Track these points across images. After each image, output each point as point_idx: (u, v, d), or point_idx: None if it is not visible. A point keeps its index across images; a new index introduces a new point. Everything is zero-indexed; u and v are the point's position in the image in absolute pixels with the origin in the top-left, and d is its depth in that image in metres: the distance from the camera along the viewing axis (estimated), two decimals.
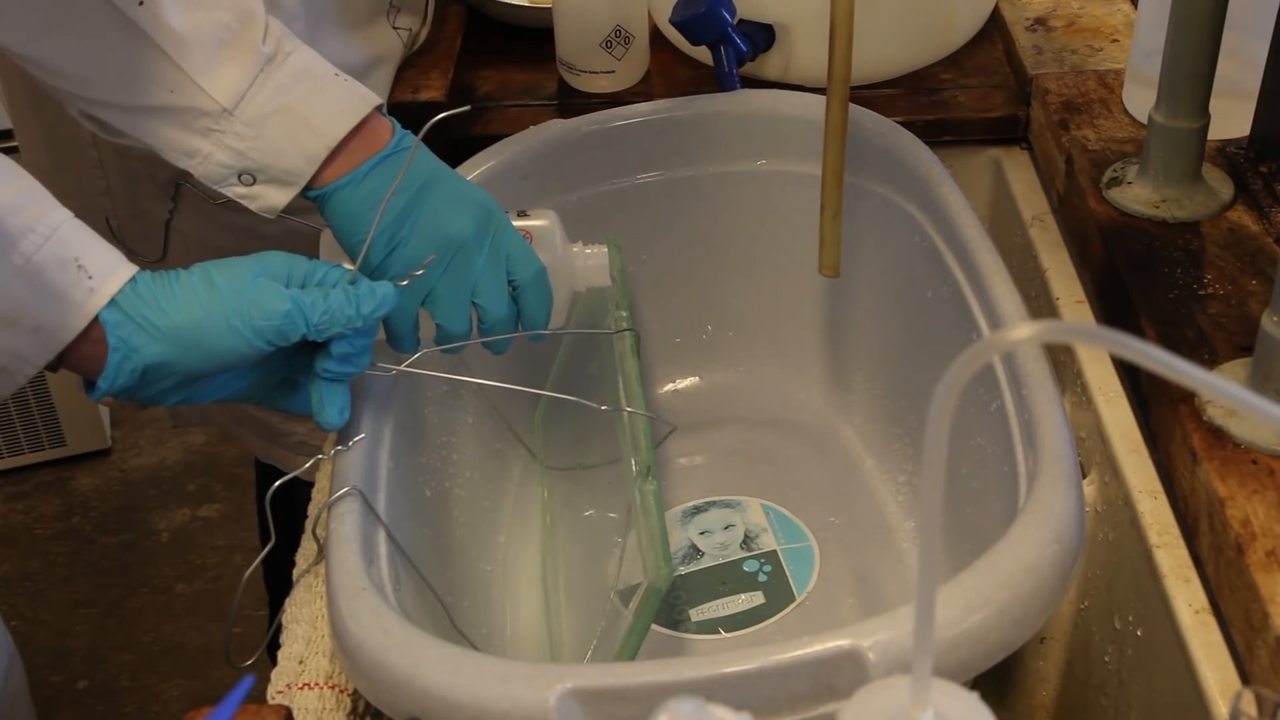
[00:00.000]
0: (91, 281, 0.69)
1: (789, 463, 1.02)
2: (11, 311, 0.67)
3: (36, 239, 0.68)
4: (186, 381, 0.72)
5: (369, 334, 0.76)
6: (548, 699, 0.60)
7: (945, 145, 1.03)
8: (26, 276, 0.67)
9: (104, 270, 0.70)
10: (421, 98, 1.07)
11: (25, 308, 0.67)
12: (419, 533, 0.82)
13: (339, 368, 0.75)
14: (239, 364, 0.73)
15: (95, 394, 0.72)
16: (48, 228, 0.69)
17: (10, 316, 0.67)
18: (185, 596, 1.96)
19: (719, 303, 1.07)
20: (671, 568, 0.76)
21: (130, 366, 0.70)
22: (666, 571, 0.75)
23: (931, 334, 0.92)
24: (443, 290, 0.79)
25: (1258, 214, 0.88)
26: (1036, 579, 0.63)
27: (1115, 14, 1.13)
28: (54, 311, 0.68)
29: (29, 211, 0.68)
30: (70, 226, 0.70)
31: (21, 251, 0.67)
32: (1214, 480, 0.70)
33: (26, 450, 2.12)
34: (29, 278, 0.67)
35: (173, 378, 0.72)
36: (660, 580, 0.74)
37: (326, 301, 0.73)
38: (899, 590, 0.91)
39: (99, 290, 0.69)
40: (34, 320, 0.68)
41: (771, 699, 0.61)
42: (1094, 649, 0.82)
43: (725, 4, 1.01)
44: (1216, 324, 0.80)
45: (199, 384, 0.74)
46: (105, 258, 0.71)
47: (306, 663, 0.74)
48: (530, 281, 0.82)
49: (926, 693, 0.42)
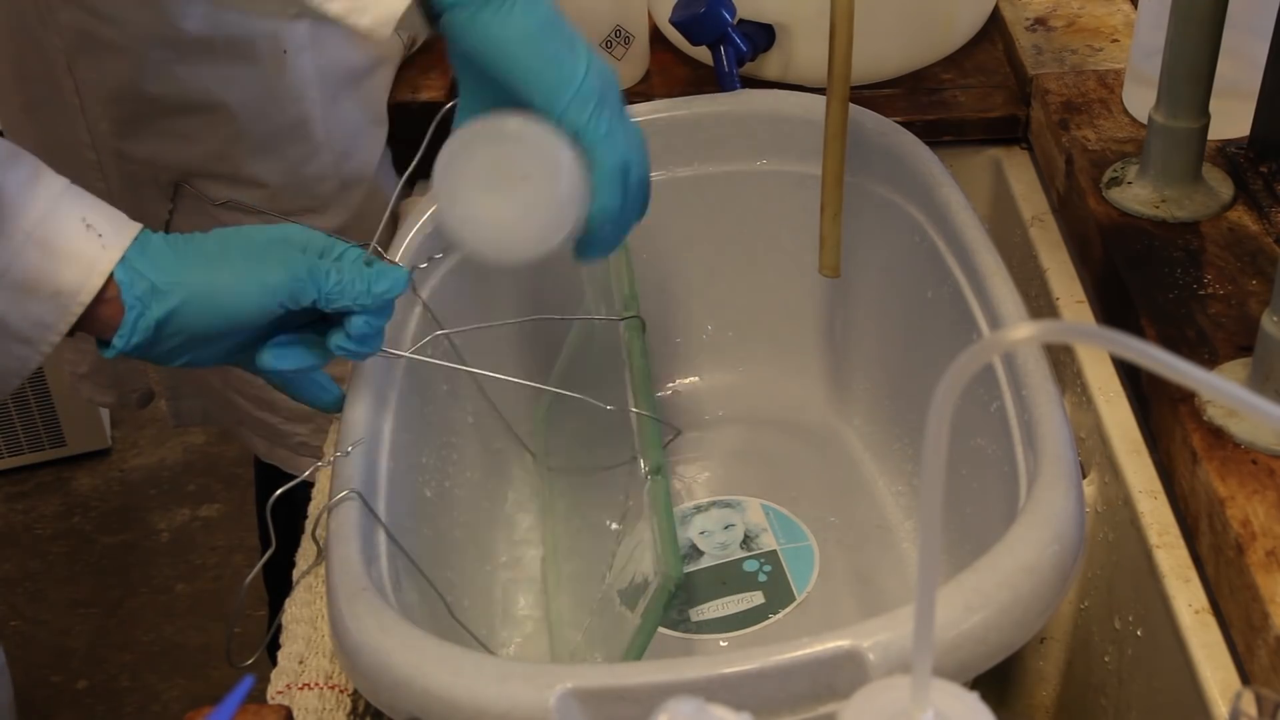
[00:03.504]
0: (102, 239, 0.70)
1: (789, 463, 1.02)
2: (29, 278, 0.68)
3: (43, 204, 0.69)
4: (196, 340, 0.73)
5: (384, 315, 0.75)
6: (548, 699, 0.60)
7: (945, 145, 1.03)
8: (38, 241, 0.68)
9: (112, 227, 0.71)
10: (421, 98, 1.07)
11: (42, 273, 0.68)
12: (419, 533, 0.82)
13: (354, 347, 0.75)
14: (248, 324, 0.73)
15: (110, 351, 0.72)
16: (52, 193, 0.69)
17: (29, 283, 0.68)
18: (185, 596, 1.96)
19: (719, 303, 1.07)
20: (682, 568, 0.76)
21: (145, 323, 0.70)
22: (677, 572, 0.75)
23: (931, 334, 0.92)
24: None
25: (1258, 214, 0.88)
26: (1037, 579, 0.63)
27: (1115, 14, 1.13)
28: (70, 272, 0.69)
29: (30, 178, 0.69)
30: (72, 190, 0.71)
31: (30, 216, 0.68)
32: (1214, 480, 0.70)
33: (26, 450, 2.13)
34: (40, 242, 0.68)
35: (184, 334, 0.72)
36: (670, 580, 0.74)
37: (340, 273, 0.73)
38: (899, 590, 0.91)
39: (110, 246, 0.70)
40: (52, 284, 0.68)
41: (771, 699, 0.61)
42: (1094, 649, 0.82)
43: (725, 4, 1.01)
44: (1216, 324, 0.80)
45: (208, 344, 0.74)
46: (111, 216, 0.71)
47: (306, 663, 0.74)
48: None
49: (926, 693, 0.42)
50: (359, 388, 0.80)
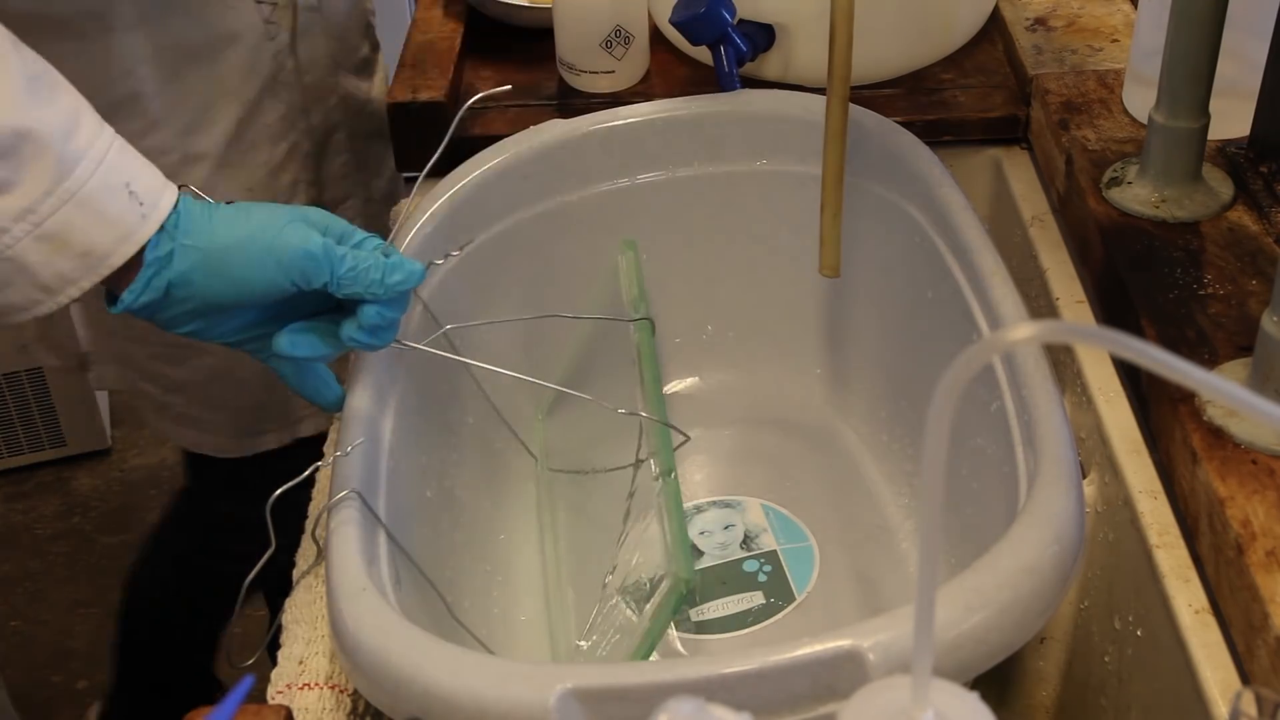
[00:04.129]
0: (143, 208, 0.70)
1: (789, 463, 1.02)
2: (63, 234, 0.68)
3: (90, 164, 0.68)
4: (205, 309, 0.73)
5: (397, 308, 0.75)
6: (548, 699, 0.60)
7: (945, 145, 1.03)
8: (80, 202, 0.68)
9: (153, 196, 0.70)
10: (421, 98, 1.07)
11: (76, 232, 0.68)
12: (419, 533, 0.82)
13: (365, 338, 0.75)
14: (258, 300, 0.72)
15: (117, 307, 0.72)
16: (99, 152, 0.69)
17: (61, 238, 0.68)
18: None
19: (719, 303, 1.07)
20: (694, 570, 0.76)
21: (157, 282, 0.70)
22: (689, 573, 0.75)
23: (931, 334, 0.92)
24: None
25: (1258, 214, 0.88)
26: (1037, 580, 0.63)
27: (1115, 14, 1.13)
28: (106, 238, 0.69)
29: (82, 134, 0.69)
30: (118, 148, 0.71)
31: (77, 177, 0.68)
32: (1214, 480, 0.70)
33: (26, 450, 2.12)
34: (82, 203, 0.68)
35: (194, 300, 0.72)
36: (682, 582, 0.75)
37: (355, 258, 0.73)
38: (899, 590, 0.91)
39: (149, 217, 0.70)
40: (84, 245, 0.68)
41: (772, 699, 0.61)
42: (1094, 649, 0.82)
43: (725, 4, 1.01)
44: (1216, 324, 0.80)
45: (216, 316, 0.73)
46: (152, 180, 0.71)
47: (306, 663, 0.74)
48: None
49: (926, 693, 0.42)
50: (359, 388, 0.80)
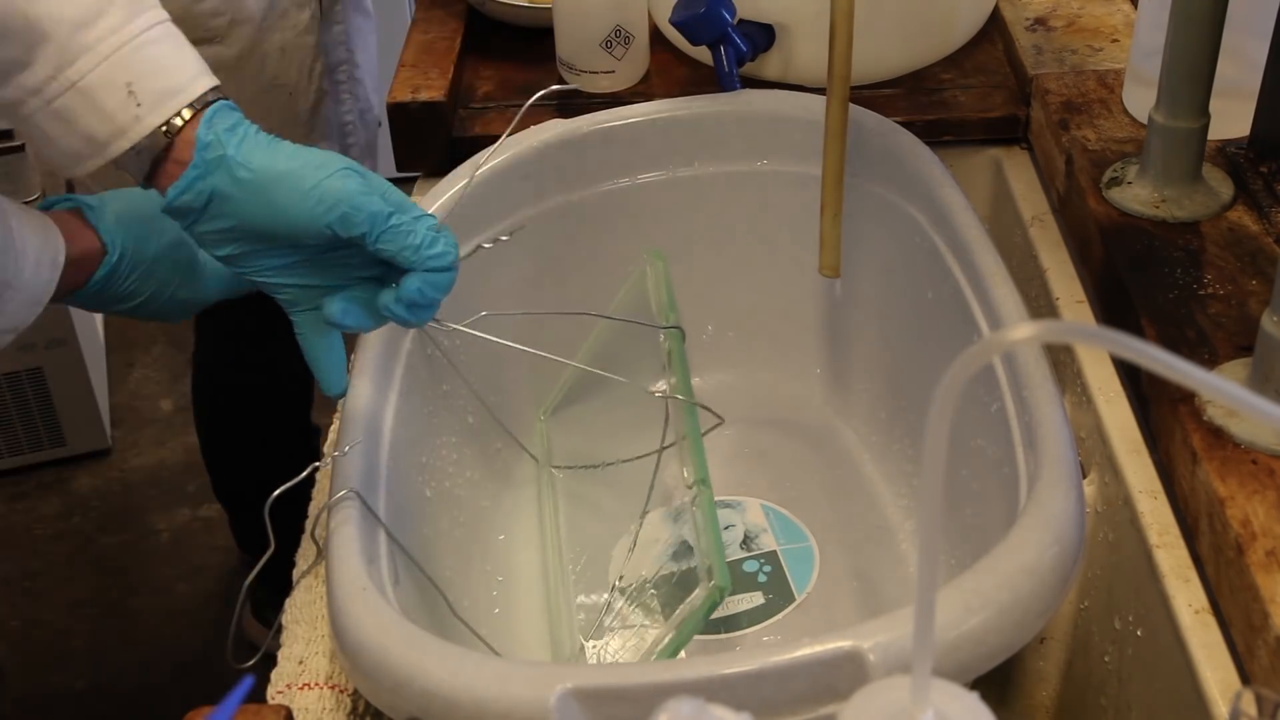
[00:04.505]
0: (139, 109, 0.70)
1: (789, 463, 1.01)
2: (68, 116, 0.70)
3: (93, 58, 0.70)
4: (242, 233, 0.72)
5: (439, 288, 0.74)
6: (548, 699, 0.60)
7: (945, 145, 1.03)
8: (80, 91, 0.70)
9: (156, 99, 0.71)
10: (421, 97, 1.07)
11: (77, 118, 0.70)
12: (419, 532, 0.82)
13: (402, 311, 0.74)
14: (296, 234, 0.72)
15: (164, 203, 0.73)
16: (110, 47, 0.70)
17: (67, 120, 0.70)
18: (185, 596, 1.96)
19: (719, 303, 1.07)
20: (729, 578, 0.76)
21: (200, 186, 0.71)
22: (726, 581, 0.75)
23: (931, 334, 0.92)
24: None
25: (1258, 214, 0.88)
26: (1037, 580, 0.63)
27: (1115, 14, 1.13)
28: (103, 130, 0.70)
29: (97, 29, 0.70)
30: (135, 47, 0.71)
31: (78, 68, 0.70)
32: (1214, 480, 0.70)
33: (26, 450, 2.12)
34: (82, 93, 0.70)
35: (232, 218, 0.72)
36: (719, 590, 0.75)
37: (400, 220, 0.72)
38: (899, 591, 0.91)
39: (144, 119, 0.70)
40: (85, 130, 0.71)
41: (772, 699, 0.61)
42: (1094, 649, 0.82)
43: (725, 4, 1.01)
44: (1216, 324, 0.80)
45: (252, 245, 0.73)
46: (164, 83, 0.71)
47: (306, 663, 0.74)
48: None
49: (926, 693, 0.42)
50: (359, 387, 0.80)
